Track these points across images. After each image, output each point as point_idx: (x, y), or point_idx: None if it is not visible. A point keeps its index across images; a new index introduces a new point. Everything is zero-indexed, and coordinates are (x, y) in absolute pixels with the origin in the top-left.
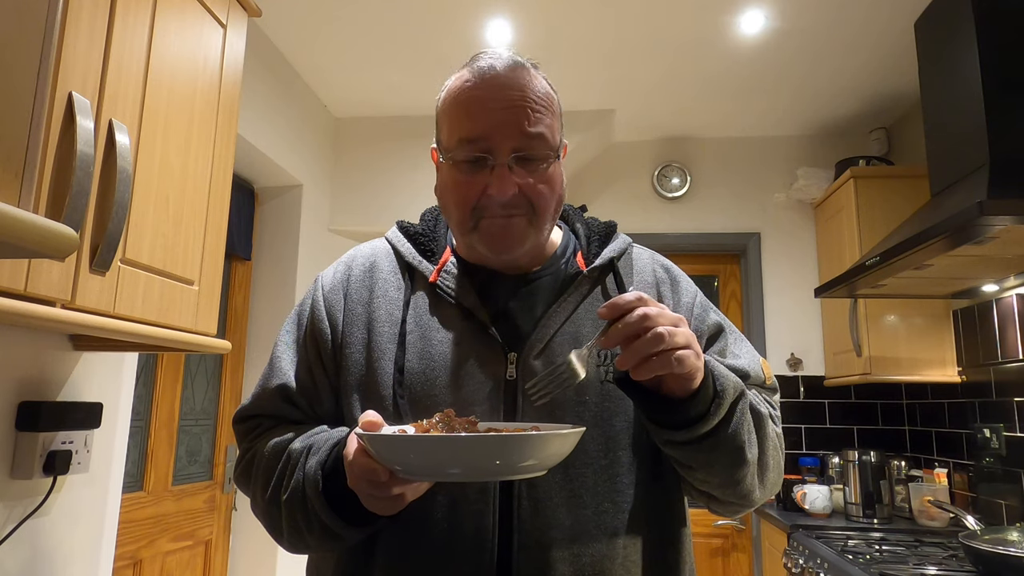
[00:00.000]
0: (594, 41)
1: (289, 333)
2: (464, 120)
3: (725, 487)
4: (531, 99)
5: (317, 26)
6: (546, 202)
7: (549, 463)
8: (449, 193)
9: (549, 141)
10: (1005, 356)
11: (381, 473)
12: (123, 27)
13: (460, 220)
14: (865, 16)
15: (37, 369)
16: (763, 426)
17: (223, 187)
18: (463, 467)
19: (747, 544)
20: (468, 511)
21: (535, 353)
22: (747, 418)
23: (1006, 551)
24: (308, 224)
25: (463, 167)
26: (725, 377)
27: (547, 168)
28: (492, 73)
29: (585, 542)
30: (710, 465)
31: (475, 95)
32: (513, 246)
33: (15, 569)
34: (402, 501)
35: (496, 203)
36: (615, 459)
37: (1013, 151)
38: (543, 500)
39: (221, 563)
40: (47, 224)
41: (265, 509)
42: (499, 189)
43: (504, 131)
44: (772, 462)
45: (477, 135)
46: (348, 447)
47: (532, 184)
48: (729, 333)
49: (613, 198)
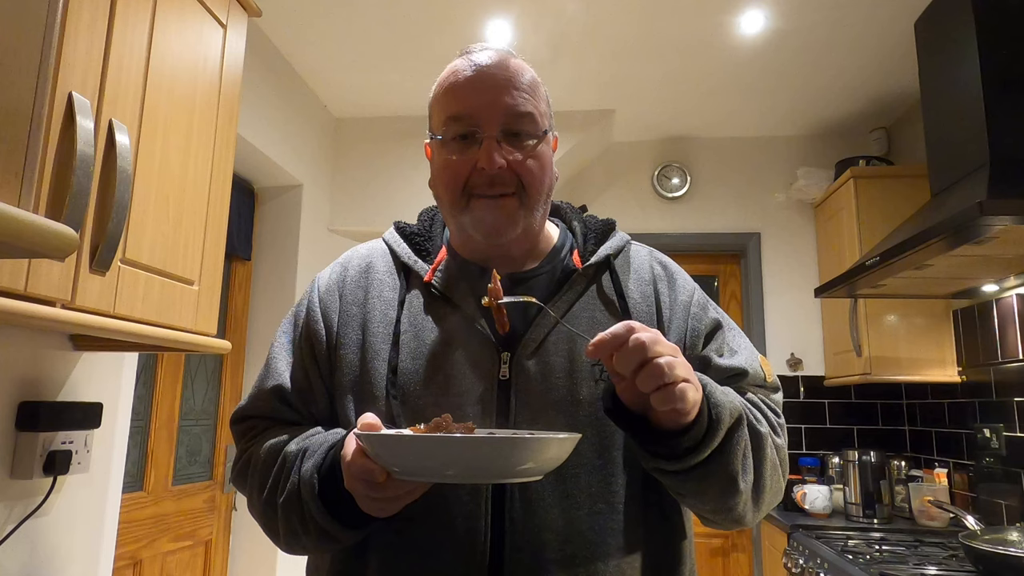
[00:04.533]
0: (594, 41)
1: (285, 334)
2: (452, 101)
3: (717, 513)
4: (517, 81)
5: (317, 26)
6: (536, 180)
7: (546, 467)
8: (440, 174)
9: (537, 121)
10: (1005, 356)
11: (378, 474)
12: (123, 27)
13: (451, 200)
14: (865, 16)
15: (37, 369)
16: (761, 448)
17: (223, 187)
18: (460, 469)
19: (747, 544)
20: (460, 512)
21: (528, 353)
22: (743, 445)
23: (1006, 551)
24: (308, 224)
25: (451, 145)
26: (721, 405)
27: (535, 145)
28: (480, 60)
29: (579, 543)
30: (701, 493)
31: (462, 78)
32: (505, 228)
33: (15, 569)
34: (398, 503)
35: (486, 177)
36: (609, 459)
37: (1013, 151)
38: (536, 501)
39: (221, 563)
40: (47, 224)
41: (261, 511)
42: (487, 160)
43: (491, 107)
44: (769, 484)
45: (464, 112)
46: (346, 448)
47: (521, 160)
48: (727, 330)
49: (613, 198)
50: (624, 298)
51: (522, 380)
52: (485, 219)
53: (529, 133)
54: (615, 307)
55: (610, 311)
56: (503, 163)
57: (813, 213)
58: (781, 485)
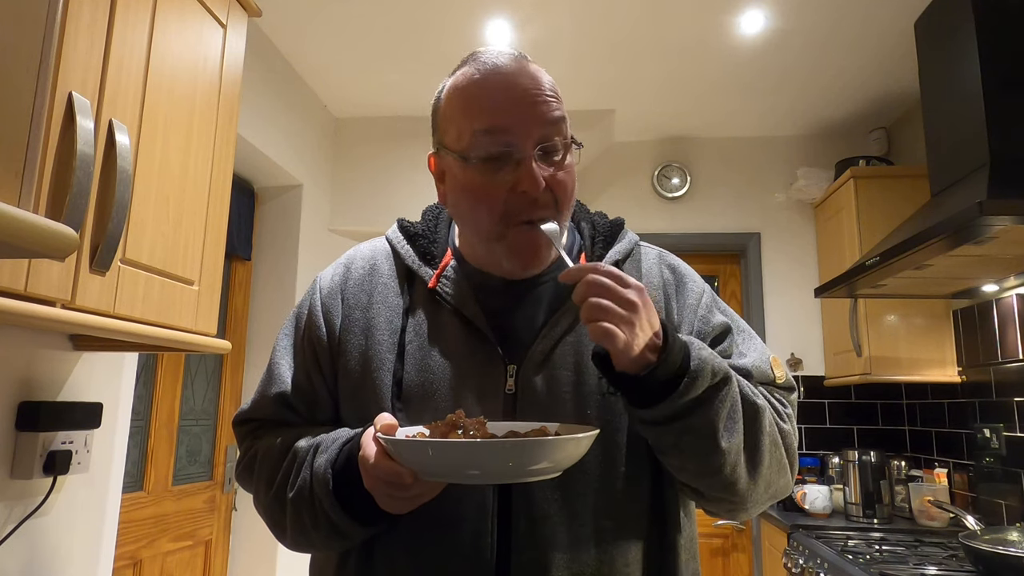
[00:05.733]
0: (594, 41)
1: (287, 336)
2: (480, 113)
3: (701, 476)
4: (544, 87)
5: (317, 26)
6: (569, 196)
7: (564, 465)
8: (471, 198)
9: (565, 128)
10: (1005, 356)
11: (406, 475)
12: (123, 27)
13: (488, 228)
14: (865, 16)
15: (37, 369)
16: (757, 418)
17: (223, 187)
18: (483, 469)
19: (747, 544)
20: (467, 531)
21: (535, 366)
22: (728, 405)
23: (1006, 551)
24: (308, 224)
25: (483, 167)
26: (703, 360)
27: (564, 157)
28: (499, 66)
29: (585, 561)
30: (679, 450)
31: (488, 88)
32: (542, 259)
33: (15, 569)
34: (418, 501)
35: (527, 201)
36: (616, 476)
37: (1013, 151)
38: (541, 519)
39: (221, 563)
40: (47, 224)
41: (268, 506)
42: (531, 183)
43: (527, 121)
44: (769, 458)
45: (497, 126)
46: (366, 450)
47: (554, 176)
48: (737, 332)
49: (613, 198)
50: None
51: (528, 395)
52: (524, 251)
53: (563, 146)
54: None
55: None
56: (543, 183)
57: (813, 213)
58: (786, 466)
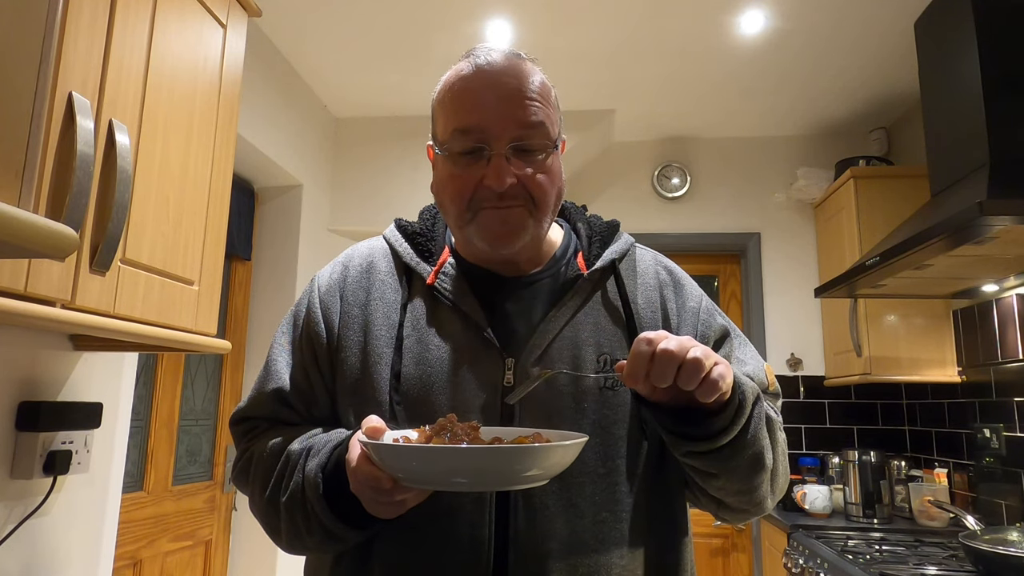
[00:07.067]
0: (594, 41)
1: (285, 334)
2: (459, 111)
3: (741, 494)
4: (528, 89)
5: (317, 26)
6: (546, 194)
7: (552, 472)
8: (445, 187)
9: (548, 131)
10: (1005, 356)
11: (385, 480)
12: (123, 27)
13: (457, 214)
14: (865, 16)
15: (37, 369)
16: (775, 431)
17: (223, 187)
18: (467, 477)
19: (747, 544)
20: (464, 522)
21: (532, 359)
22: (763, 422)
23: (1006, 551)
24: (308, 224)
25: (459, 159)
26: (743, 383)
27: (546, 159)
28: (488, 64)
29: (583, 552)
30: (731, 472)
31: (471, 86)
32: (512, 239)
33: (15, 569)
34: (404, 506)
35: (493, 194)
36: (614, 468)
37: (1013, 151)
38: (540, 511)
39: (221, 563)
40: (47, 224)
41: (263, 510)
42: (496, 179)
43: (501, 121)
44: (781, 468)
45: (472, 125)
46: (351, 452)
47: (531, 175)
48: (734, 338)
49: (613, 198)
50: (629, 304)
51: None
52: (492, 229)
53: (539, 147)
54: (620, 314)
55: (615, 318)
56: (513, 181)
57: (813, 213)
58: (788, 473)
